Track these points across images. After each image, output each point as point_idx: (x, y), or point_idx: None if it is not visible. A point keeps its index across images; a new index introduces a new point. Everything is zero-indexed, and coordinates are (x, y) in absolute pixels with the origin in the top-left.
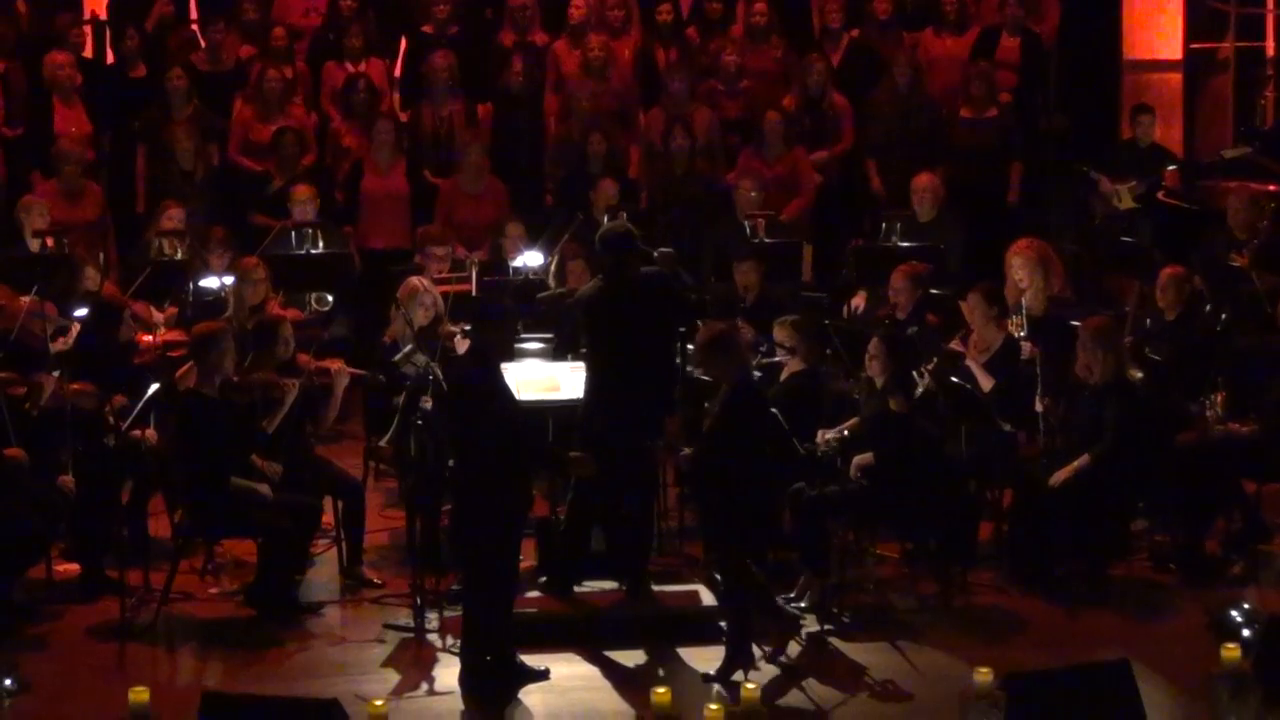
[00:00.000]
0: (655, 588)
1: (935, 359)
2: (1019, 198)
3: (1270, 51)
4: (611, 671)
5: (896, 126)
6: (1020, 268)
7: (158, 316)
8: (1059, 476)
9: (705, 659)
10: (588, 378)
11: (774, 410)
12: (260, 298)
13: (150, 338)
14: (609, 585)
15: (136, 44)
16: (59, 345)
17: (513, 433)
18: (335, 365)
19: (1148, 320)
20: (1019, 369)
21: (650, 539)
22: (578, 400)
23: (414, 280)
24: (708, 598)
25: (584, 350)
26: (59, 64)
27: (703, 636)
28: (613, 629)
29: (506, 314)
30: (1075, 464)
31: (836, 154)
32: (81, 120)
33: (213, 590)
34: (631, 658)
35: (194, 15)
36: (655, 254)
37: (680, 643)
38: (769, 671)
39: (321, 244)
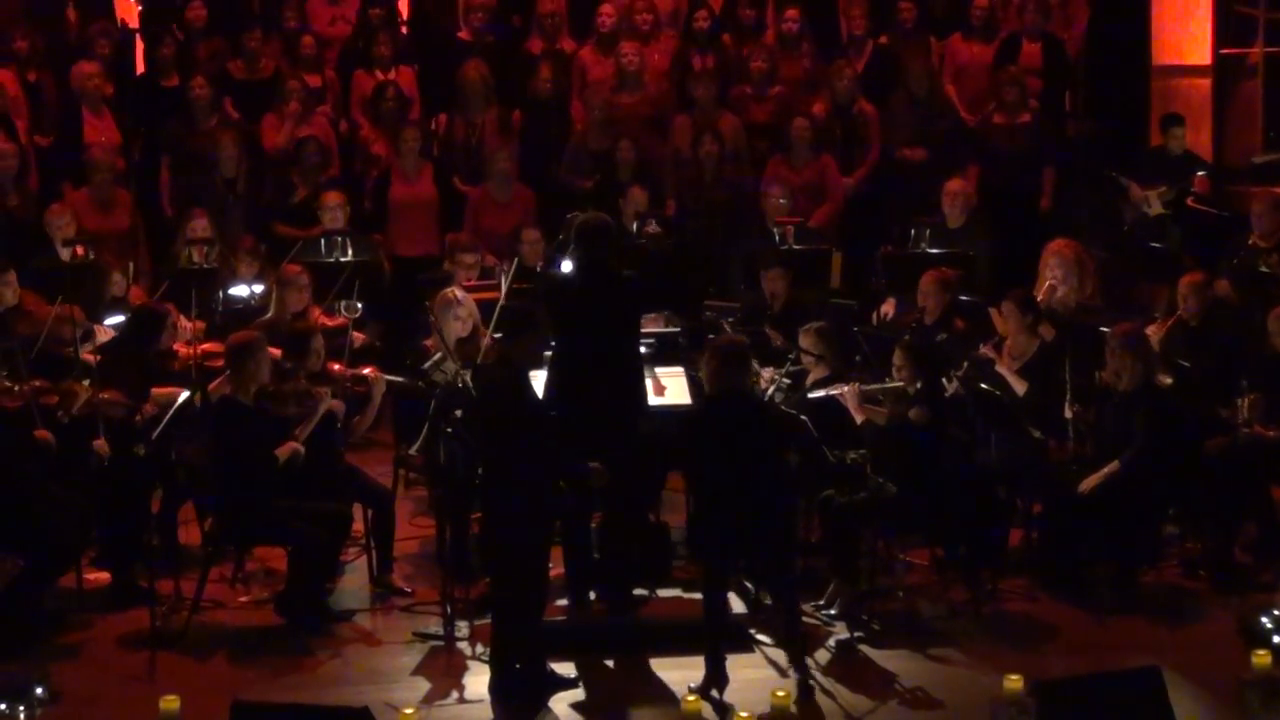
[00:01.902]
0: (685, 595)
1: (965, 365)
2: (1051, 203)
3: None
4: (641, 679)
5: (915, 133)
6: (1057, 266)
7: (185, 324)
8: (1089, 483)
9: (736, 666)
10: (549, 371)
11: (804, 417)
12: (303, 305)
13: (188, 348)
14: (640, 592)
15: (172, 52)
16: (86, 351)
17: (540, 441)
18: (373, 373)
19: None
20: (1052, 376)
21: (641, 542)
22: None
23: (447, 291)
24: (737, 605)
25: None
26: (87, 74)
27: (733, 645)
28: (642, 637)
29: (534, 322)
30: (1105, 470)
31: (867, 171)
32: (111, 130)
33: (243, 598)
34: (661, 665)
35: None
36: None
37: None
38: (798, 679)
39: (350, 252)
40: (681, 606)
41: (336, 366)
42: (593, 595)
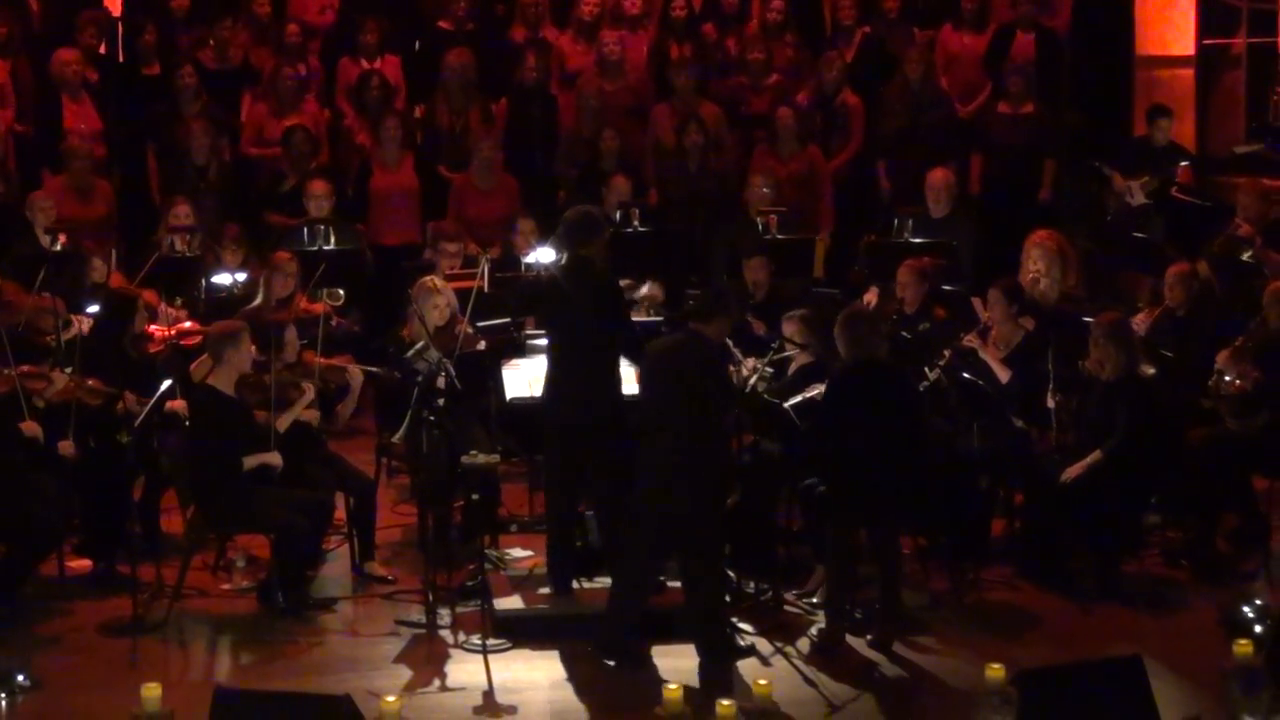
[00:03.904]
0: (669, 583)
1: (947, 354)
2: (1049, 195)
3: None
4: (622, 668)
5: (908, 122)
6: (1040, 259)
7: (169, 311)
8: (1071, 472)
9: None
10: (547, 364)
11: (787, 406)
12: (289, 291)
13: (163, 330)
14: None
15: (153, 41)
16: (68, 335)
17: (729, 416)
18: (348, 364)
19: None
20: (1038, 366)
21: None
22: None
23: (427, 280)
24: None
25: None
26: (66, 61)
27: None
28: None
29: (727, 305)
30: (1087, 460)
31: (848, 159)
32: (90, 117)
33: (225, 586)
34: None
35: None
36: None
37: (690, 639)
38: (781, 667)
39: (334, 240)
40: (667, 595)
41: (310, 355)
42: (576, 585)
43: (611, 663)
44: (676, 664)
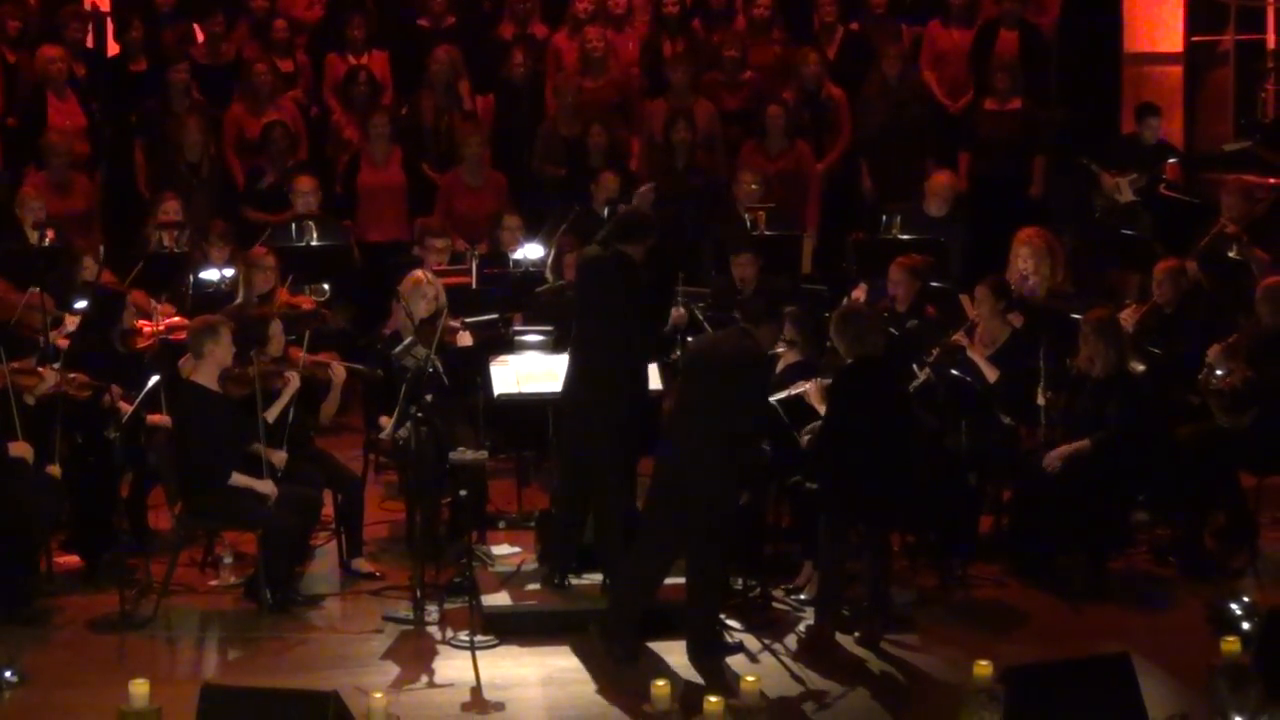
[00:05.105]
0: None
1: (936, 351)
2: (1041, 190)
3: (1271, 44)
4: (610, 665)
5: (888, 120)
6: (1029, 257)
7: (157, 308)
8: (1056, 454)
9: None
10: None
11: (773, 401)
12: (269, 286)
13: (151, 325)
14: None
15: (140, 37)
16: (56, 335)
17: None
18: (332, 360)
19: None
20: (1024, 363)
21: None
22: None
23: (416, 273)
24: None
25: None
26: (51, 57)
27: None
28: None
29: (777, 313)
30: (1072, 446)
31: (839, 156)
32: (75, 113)
33: (213, 582)
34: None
35: None
36: None
37: (678, 635)
38: (769, 664)
39: (317, 235)
40: (665, 593)
41: (295, 351)
42: (570, 581)
43: (606, 650)
44: (668, 661)
